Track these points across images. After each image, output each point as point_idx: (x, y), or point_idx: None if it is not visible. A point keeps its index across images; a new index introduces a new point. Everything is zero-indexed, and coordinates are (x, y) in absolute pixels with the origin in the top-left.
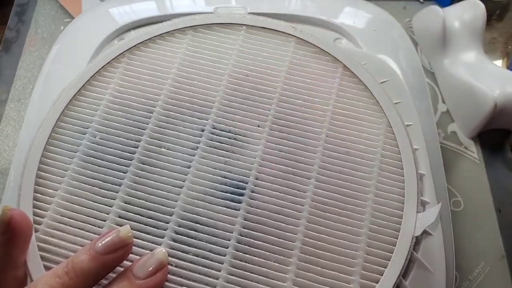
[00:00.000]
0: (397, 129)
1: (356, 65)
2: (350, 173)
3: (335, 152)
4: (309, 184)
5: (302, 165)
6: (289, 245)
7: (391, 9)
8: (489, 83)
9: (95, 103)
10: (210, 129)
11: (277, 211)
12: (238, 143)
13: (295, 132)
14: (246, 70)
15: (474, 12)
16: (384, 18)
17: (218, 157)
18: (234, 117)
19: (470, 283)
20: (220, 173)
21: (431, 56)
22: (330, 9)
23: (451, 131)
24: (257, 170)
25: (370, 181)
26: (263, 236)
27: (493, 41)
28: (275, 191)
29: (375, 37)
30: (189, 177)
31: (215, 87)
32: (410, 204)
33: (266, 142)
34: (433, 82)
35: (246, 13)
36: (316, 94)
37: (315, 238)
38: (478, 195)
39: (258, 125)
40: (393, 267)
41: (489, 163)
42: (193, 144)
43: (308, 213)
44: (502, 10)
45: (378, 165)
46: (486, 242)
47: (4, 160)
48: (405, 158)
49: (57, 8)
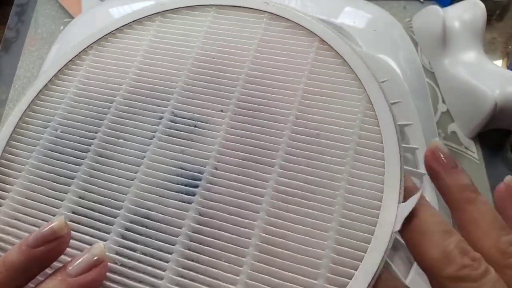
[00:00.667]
0: (378, 106)
1: (334, 37)
2: (320, 158)
3: (304, 135)
4: (272, 172)
5: (265, 152)
6: (244, 243)
7: (391, 9)
8: (489, 83)
9: (60, 97)
10: (169, 116)
11: (233, 204)
12: (198, 130)
13: (261, 116)
14: (212, 52)
15: (474, 12)
16: (384, 18)
17: (175, 146)
18: (196, 103)
19: None
20: (175, 164)
21: (431, 56)
22: (330, 9)
23: (451, 131)
24: (215, 159)
25: (343, 167)
26: (215, 232)
27: (493, 41)
28: (233, 182)
29: (375, 37)
30: (142, 169)
31: (178, 71)
32: (390, 192)
33: (227, 128)
34: (433, 82)
35: None
36: (287, 72)
37: (274, 235)
38: None
39: (221, 110)
40: (364, 268)
41: (489, 163)
42: (150, 133)
43: (268, 206)
44: (502, 10)
45: (353, 148)
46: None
47: None
48: (387, 139)
49: (57, 8)
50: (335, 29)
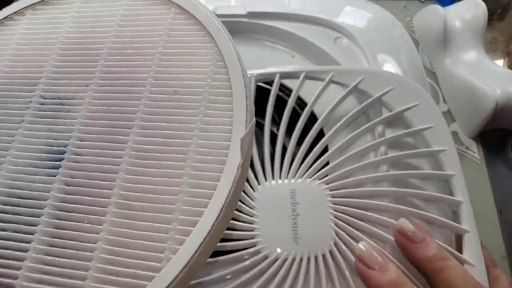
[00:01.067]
0: (227, 56)
1: (189, 2)
2: (177, 113)
3: (162, 95)
4: (130, 134)
5: (124, 116)
6: (104, 203)
7: (392, 8)
8: (490, 83)
9: None
10: (37, 99)
11: (94, 170)
12: (64, 108)
13: (121, 83)
14: (78, 34)
15: (475, 12)
16: (385, 18)
17: (43, 126)
18: (62, 83)
19: None
20: (44, 142)
21: (432, 55)
22: (331, 8)
23: (452, 131)
24: (79, 131)
25: (196, 117)
26: (78, 198)
27: (494, 40)
28: (95, 150)
29: (375, 37)
30: (11, 153)
31: (46, 57)
32: (238, 131)
33: (90, 100)
34: (434, 81)
35: (245, 12)
36: (146, 40)
37: (132, 190)
38: (479, 195)
39: (86, 85)
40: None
41: (490, 163)
42: (18, 119)
43: (127, 165)
44: (503, 9)
45: (206, 98)
46: (487, 243)
47: None
48: (235, 84)
49: None
50: (336, 28)
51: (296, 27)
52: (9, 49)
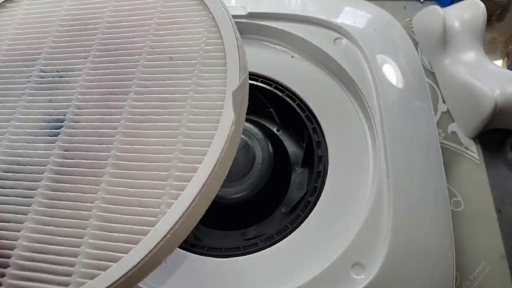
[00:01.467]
0: (220, 22)
1: None
2: (171, 78)
3: (158, 61)
4: (127, 99)
5: (121, 83)
6: (101, 164)
7: (391, 9)
8: (489, 83)
9: None
10: (37, 73)
11: (92, 134)
12: (63, 80)
13: (118, 53)
14: (76, 11)
15: (474, 12)
16: (384, 18)
17: (43, 97)
18: (61, 56)
19: (470, 283)
20: (44, 112)
21: (431, 56)
22: (330, 9)
23: (452, 131)
24: (77, 100)
25: (190, 80)
26: (76, 162)
27: (493, 41)
28: (94, 116)
29: (375, 37)
30: (12, 123)
31: (45, 34)
32: (230, 89)
33: (88, 71)
34: (433, 82)
35: (246, 12)
36: (142, 12)
37: (128, 151)
38: (478, 195)
39: (84, 58)
40: (208, 159)
41: (489, 163)
42: (19, 92)
43: (123, 128)
44: (502, 10)
45: (200, 61)
46: (486, 242)
47: None
48: (228, 47)
49: None
50: (335, 29)
51: (296, 27)
52: (11, 29)
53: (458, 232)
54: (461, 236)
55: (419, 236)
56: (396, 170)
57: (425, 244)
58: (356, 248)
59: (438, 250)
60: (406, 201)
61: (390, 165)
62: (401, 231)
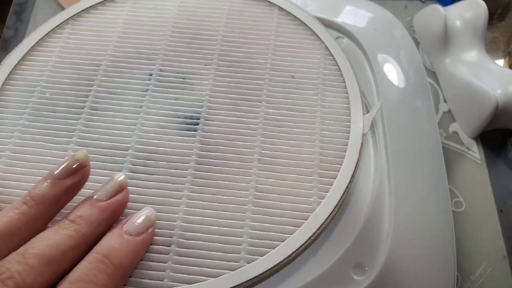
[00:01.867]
0: (334, 51)
1: (291, 6)
2: (297, 93)
3: (281, 77)
4: (260, 106)
5: (252, 92)
6: (248, 159)
7: (392, 8)
8: (491, 83)
9: (41, 66)
10: (158, 72)
11: (233, 133)
12: (187, 81)
13: (242, 65)
14: (187, 20)
15: (475, 11)
16: (385, 17)
17: (169, 95)
18: (181, 60)
19: (471, 283)
20: (173, 109)
21: (433, 55)
22: (331, 8)
23: (453, 131)
24: (208, 101)
25: (316, 96)
26: (222, 155)
27: (495, 40)
28: (229, 117)
29: (376, 36)
30: (142, 115)
31: (159, 37)
32: (355, 108)
33: (214, 77)
34: (434, 81)
35: None
36: (257, 33)
37: (271, 150)
38: (480, 195)
39: (205, 64)
40: (348, 162)
41: (491, 163)
42: (143, 87)
43: (263, 130)
44: (504, 9)
45: (321, 82)
46: (488, 243)
47: None
48: (345, 73)
49: (56, 7)
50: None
51: None
52: (117, 27)
53: (460, 232)
54: (462, 236)
55: (420, 236)
56: (397, 170)
57: (426, 244)
58: (357, 248)
59: (439, 251)
60: (407, 202)
61: (391, 165)
62: (402, 231)
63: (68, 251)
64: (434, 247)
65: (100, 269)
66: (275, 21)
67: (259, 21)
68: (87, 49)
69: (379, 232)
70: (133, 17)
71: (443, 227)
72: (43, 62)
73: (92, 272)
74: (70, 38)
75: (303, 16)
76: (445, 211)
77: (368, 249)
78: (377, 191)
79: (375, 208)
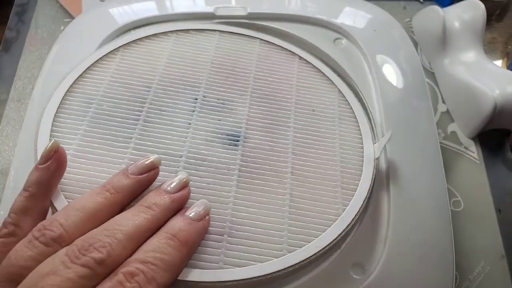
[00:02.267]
0: (346, 94)
1: (309, 56)
2: (318, 123)
3: (304, 110)
4: (289, 131)
5: (281, 119)
6: (283, 171)
7: (391, 9)
8: (489, 83)
9: (97, 83)
10: (202, 97)
11: (268, 149)
12: (227, 107)
13: (271, 98)
14: (223, 58)
15: (474, 12)
16: (384, 18)
17: (213, 116)
18: (220, 89)
19: (470, 282)
20: (216, 127)
21: (431, 56)
22: (330, 9)
23: (451, 131)
24: (246, 123)
25: (334, 127)
26: (261, 167)
27: (493, 41)
28: (264, 137)
29: (375, 37)
30: (191, 130)
31: (201, 69)
32: (367, 138)
33: (250, 105)
34: (433, 82)
35: (246, 13)
36: (282, 74)
37: (301, 165)
38: (478, 195)
39: (241, 95)
40: (365, 178)
41: (489, 163)
42: (190, 108)
43: (293, 150)
44: (502, 10)
45: (337, 116)
46: (486, 242)
47: (4, 160)
48: (356, 111)
49: (57, 8)
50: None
51: (296, 28)
52: (164, 58)
53: (458, 232)
54: (461, 236)
55: (418, 236)
56: (395, 170)
57: (425, 244)
58: (355, 248)
59: (438, 250)
60: (406, 201)
61: (389, 165)
62: (400, 231)
63: (145, 231)
64: (433, 246)
65: (169, 244)
66: (296, 67)
67: (284, 66)
68: (138, 73)
69: (378, 231)
70: (177, 51)
71: (442, 226)
72: (99, 80)
73: (163, 245)
74: (122, 62)
75: (320, 65)
76: (444, 210)
77: (367, 248)
78: (376, 190)
79: (374, 207)
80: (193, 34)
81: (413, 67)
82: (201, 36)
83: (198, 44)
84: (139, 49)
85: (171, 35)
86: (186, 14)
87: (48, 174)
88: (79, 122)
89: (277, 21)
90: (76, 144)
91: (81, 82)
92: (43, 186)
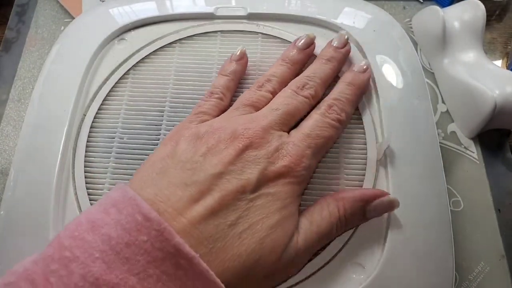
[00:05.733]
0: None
1: None
2: None
3: None
4: None
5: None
6: None
7: (391, 9)
8: (488, 83)
9: (115, 114)
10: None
11: None
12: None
13: None
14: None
15: (474, 12)
16: (383, 19)
17: None
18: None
19: (470, 283)
20: None
21: (431, 56)
22: (330, 9)
23: (451, 131)
24: None
25: (339, 138)
26: None
27: (493, 41)
28: None
29: (374, 38)
30: None
31: (207, 81)
32: (369, 139)
33: None
34: (432, 82)
35: (246, 13)
36: None
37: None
38: (478, 195)
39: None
40: (367, 179)
41: (489, 163)
42: None
43: None
44: (502, 10)
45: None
46: (486, 242)
47: (4, 160)
48: (364, 118)
49: (57, 8)
50: (335, 29)
51: (296, 28)
52: (172, 74)
53: (458, 232)
54: (460, 236)
55: (418, 236)
56: (395, 170)
57: (425, 244)
58: (355, 248)
59: (438, 250)
60: (406, 201)
61: (389, 165)
62: (400, 231)
63: (330, 77)
64: (433, 246)
65: (347, 88)
66: None
67: None
68: (149, 96)
69: (377, 231)
70: (182, 63)
71: (441, 226)
72: (116, 111)
73: (345, 88)
74: (133, 86)
75: None
76: (443, 210)
77: (367, 248)
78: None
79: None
80: (196, 40)
81: (413, 67)
82: (203, 41)
83: (202, 52)
84: (148, 69)
85: (175, 46)
86: (186, 15)
87: (241, 67)
88: (107, 154)
89: (277, 21)
90: (110, 177)
91: (101, 115)
92: (238, 74)
